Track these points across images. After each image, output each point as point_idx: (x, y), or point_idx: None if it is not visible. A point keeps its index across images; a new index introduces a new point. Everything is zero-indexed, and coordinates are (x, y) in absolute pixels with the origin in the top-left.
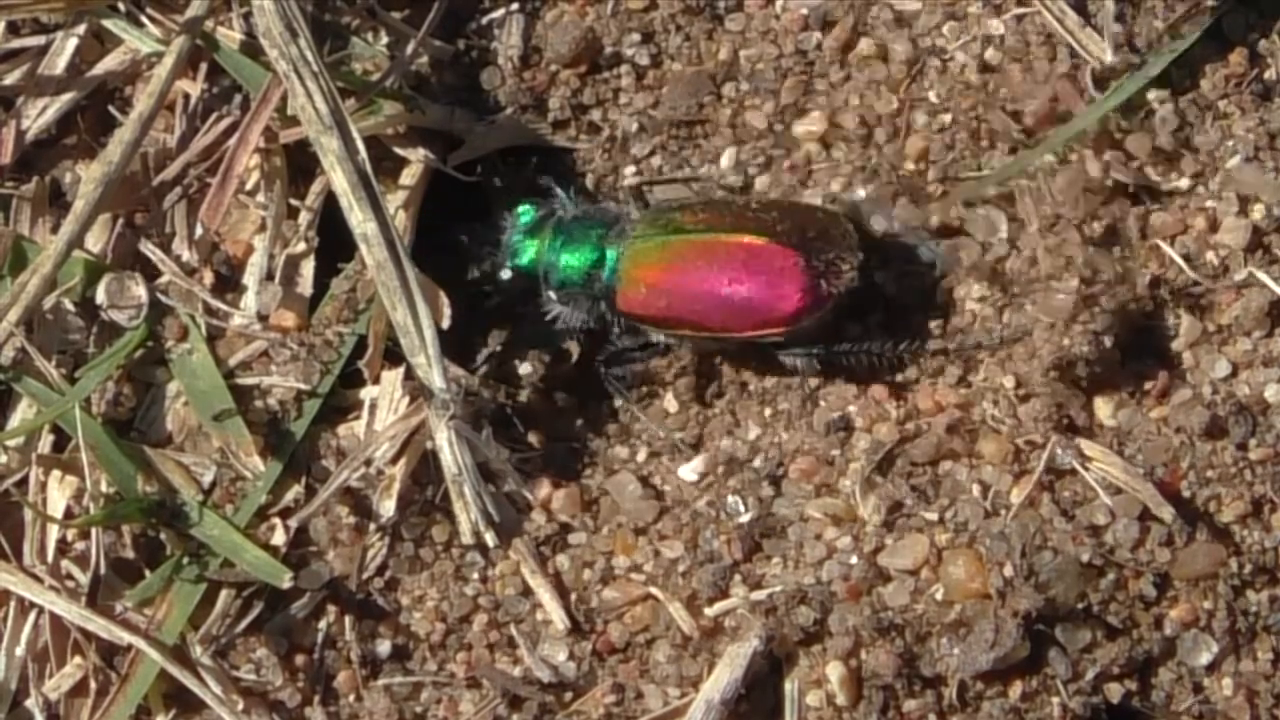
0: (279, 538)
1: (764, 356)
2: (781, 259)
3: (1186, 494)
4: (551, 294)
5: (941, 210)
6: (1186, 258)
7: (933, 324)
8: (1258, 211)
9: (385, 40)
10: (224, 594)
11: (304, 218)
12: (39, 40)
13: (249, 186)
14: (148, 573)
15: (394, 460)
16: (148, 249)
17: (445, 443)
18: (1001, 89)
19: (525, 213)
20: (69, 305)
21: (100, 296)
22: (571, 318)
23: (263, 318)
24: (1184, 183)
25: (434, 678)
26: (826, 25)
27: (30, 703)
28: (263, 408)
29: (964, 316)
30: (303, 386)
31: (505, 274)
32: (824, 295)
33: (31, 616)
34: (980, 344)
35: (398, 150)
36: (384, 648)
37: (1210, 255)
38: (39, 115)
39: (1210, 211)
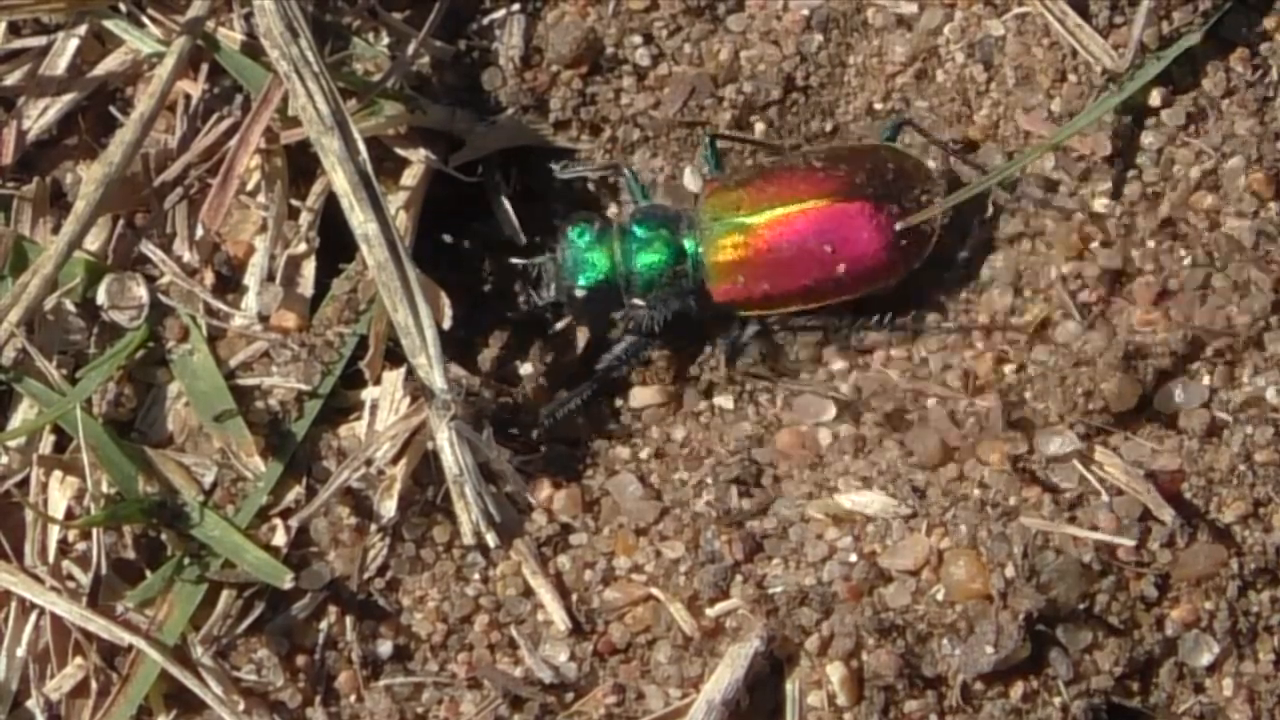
0: (280, 538)
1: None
2: (874, 212)
3: (1188, 495)
4: (636, 300)
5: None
6: None
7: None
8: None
9: (386, 41)
10: (225, 594)
11: (305, 218)
12: (40, 41)
13: (250, 187)
14: (149, 573)
15: (395, 461)
16: (149, 249)
17: (446, 443)
18: (1002, 90)
19: (581, 230)
20: (70, 306)
21: (101, 297)
22: (658, 319)
23: (264, 318)
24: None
25: (435, 678)
26: (827, 26)
27: (31, 703)
28: (264, 408)
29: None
30: (304, 387)
31: (579, 292)
32: (926, 233)
33: (33, 617)
34: None
35: (399, 151)
36: (385, 648)
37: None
38: (40, 116)
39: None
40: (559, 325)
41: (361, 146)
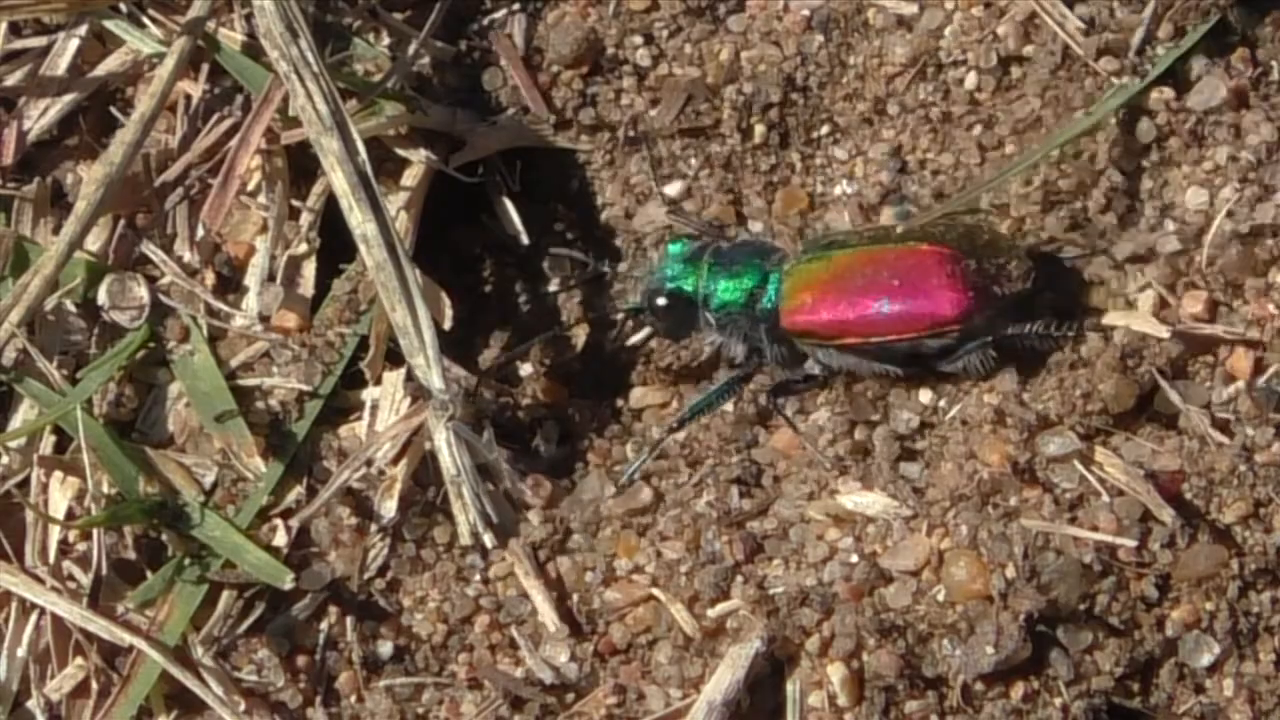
0: (280, 538)
1: None
2: (951, 261)
3: (1188, 495)
4: (710, 318)
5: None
6: None
7: None
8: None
9: (387, 41)
10: (225, 595)
11: (305, 219)
12: (41, 41)
13: (250, 187)
14: (149, 574)
15: (395, 461)
16: (149, 250)
17: (444, 444)
18: (1002, 91)
19: (679, 245)
20: (70, 306)
21: (102, 297)
22: (729, 343)
23: (264, 319)
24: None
25: (435, 679)
26: (828, 27)
27: (32, 704)
28: (264, 409)
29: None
30: (304, 387)
31: (661, 300)
32: (995, 295)
33: (33, 617)
34: None
35: (399, 151)
36: (386, 649)
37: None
38: (40, 116)
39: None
40: (637, 336)
41: (361, 147)
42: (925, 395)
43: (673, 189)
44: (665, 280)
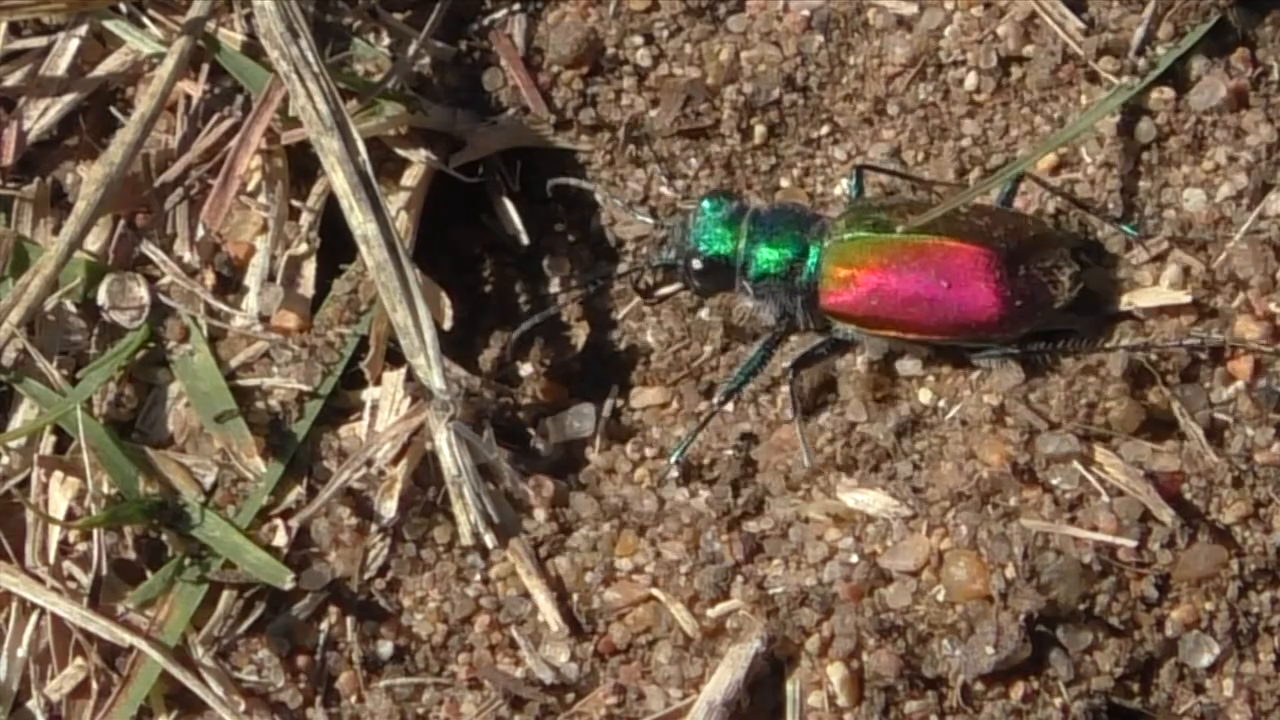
0: (280, 539)
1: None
2: (998, 266)
3: (1188, 495)
4: (747, 285)
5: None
6: None
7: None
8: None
9: (387, 41)
10: (225, 595)
11: (305, 219)
12: (41, 41)
13: (250, 187)
14: (149, 574)
15: (395, 461)
16: (149, 250)
17: (444, 444)
18: (1001, 92)
19: (716, 204)
20: (70, 306)
21: (102, 298)
22: (763, 312)
23: (264, 319)
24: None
25: (436, 679)
26: (828, 27)
27: (32, 704)
28: (264, 409)
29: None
30: (304, 387)
31: (698, 263)
32: (1040, 303)
33: (33, 618)
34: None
35: (399, 151)
36: (386, 649)
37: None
38: (40, 116)
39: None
40: (663, 291)
41: (361, 147)
42: (925, 395)
43: (671, 190)
44: (702, 242)
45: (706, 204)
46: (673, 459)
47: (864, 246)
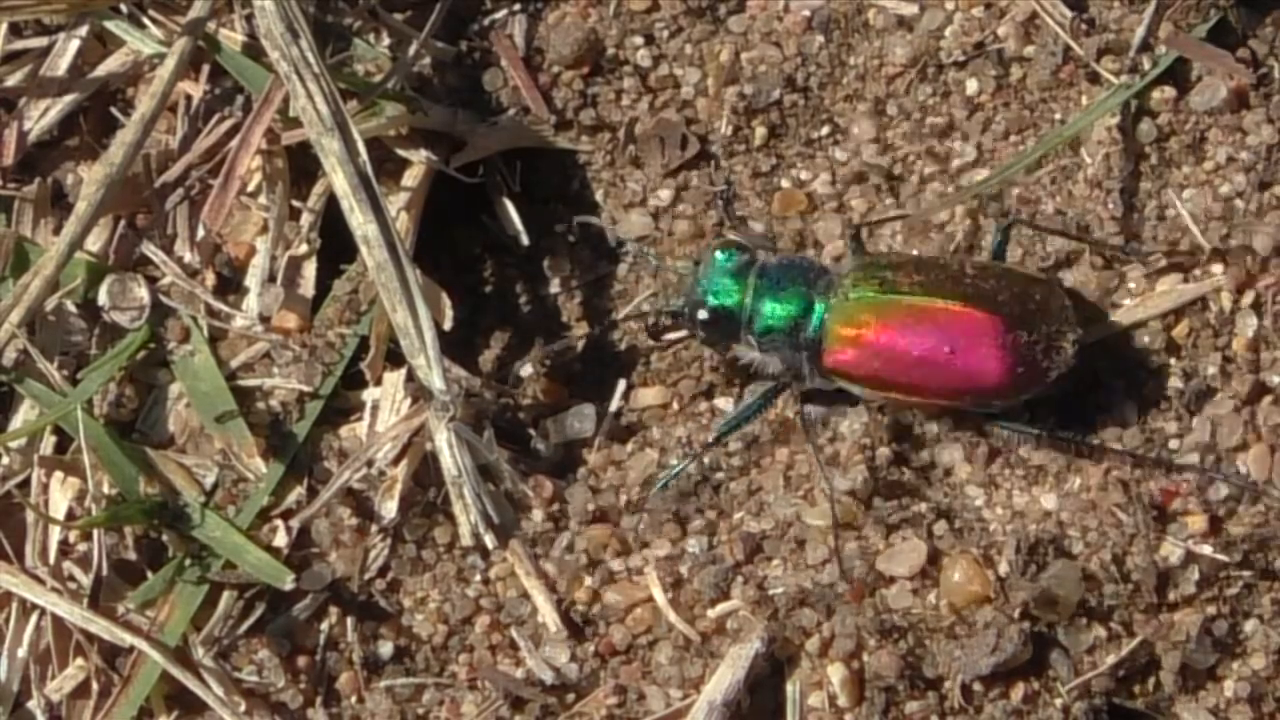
0: (281, 539)
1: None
2: (1003, 332)
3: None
4: (751, 339)
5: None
6: None
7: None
8: None
9: (387, 41)
10: (226, 595)
11: (306, 219)
12: (41, 42)
13: (251, 188)
14: (150, 574)
15: (396, 461)
16: (150, 250)
17: (445, 444)
18: (1002, 92)
19: (728, 255)
20: (71, 307)
21: (102, 298)
22: (767, 366)
23: (265, 319)
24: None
25: (436, 679)
26: (829, 27)
27: (32, 704)
28: (265, 409)
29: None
30: (305, 388)
31: (703, 314)
32: (1042, 372)
33: (33, 618)
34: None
35: (399, 152)
36: (386, 649)
37: None
38: (41, 117)
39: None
40: (671, 336)
41: (362, 148)
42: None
43: (666, 193)
44: (709, 294)
45: (719, 254)
46: (654, 490)
47: (869, 307)
